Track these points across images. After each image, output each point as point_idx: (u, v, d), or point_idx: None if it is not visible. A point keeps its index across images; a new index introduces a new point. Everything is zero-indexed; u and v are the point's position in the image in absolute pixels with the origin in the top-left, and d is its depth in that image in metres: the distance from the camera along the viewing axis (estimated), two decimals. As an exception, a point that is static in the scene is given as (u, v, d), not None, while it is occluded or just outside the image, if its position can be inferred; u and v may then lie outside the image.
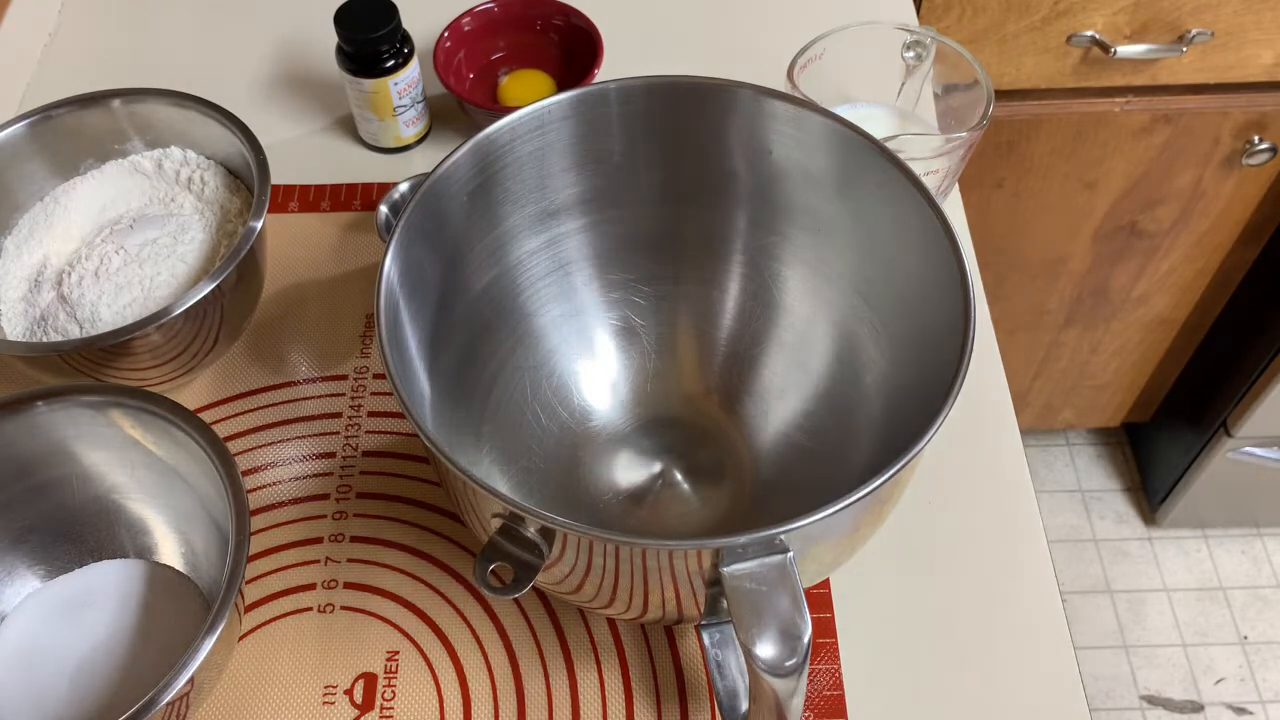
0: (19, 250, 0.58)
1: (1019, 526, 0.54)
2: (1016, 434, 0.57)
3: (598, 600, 0.42)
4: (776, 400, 0.55)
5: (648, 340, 0.57)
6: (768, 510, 0.52)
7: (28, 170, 0.59)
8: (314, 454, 0.57)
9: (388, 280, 0.43)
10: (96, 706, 0.47)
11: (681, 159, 0.52)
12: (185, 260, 0.57)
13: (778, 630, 0.36)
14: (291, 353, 0.61)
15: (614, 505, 0.53)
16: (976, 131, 0.56)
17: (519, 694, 0.49)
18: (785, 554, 0.37)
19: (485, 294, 0.52)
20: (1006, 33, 0.91)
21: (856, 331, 0.51)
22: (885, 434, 0.49)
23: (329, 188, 0.68)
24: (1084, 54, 0.93)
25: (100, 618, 0.50)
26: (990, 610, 0.52)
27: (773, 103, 0.48)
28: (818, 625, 0.51)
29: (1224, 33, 0.91)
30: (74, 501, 0.51)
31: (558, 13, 0.71)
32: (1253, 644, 1.33)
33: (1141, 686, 1.30)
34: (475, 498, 0.40)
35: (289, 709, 0.49)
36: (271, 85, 0.74)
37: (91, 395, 0.48)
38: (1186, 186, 1.04)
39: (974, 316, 0.41)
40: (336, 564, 0.53)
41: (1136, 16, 0.90)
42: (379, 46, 0.63)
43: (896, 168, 0.45)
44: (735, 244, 0.54)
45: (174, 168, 0.60)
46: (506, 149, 0.49)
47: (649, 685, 0.50)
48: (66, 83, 0.64)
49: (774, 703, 0.37)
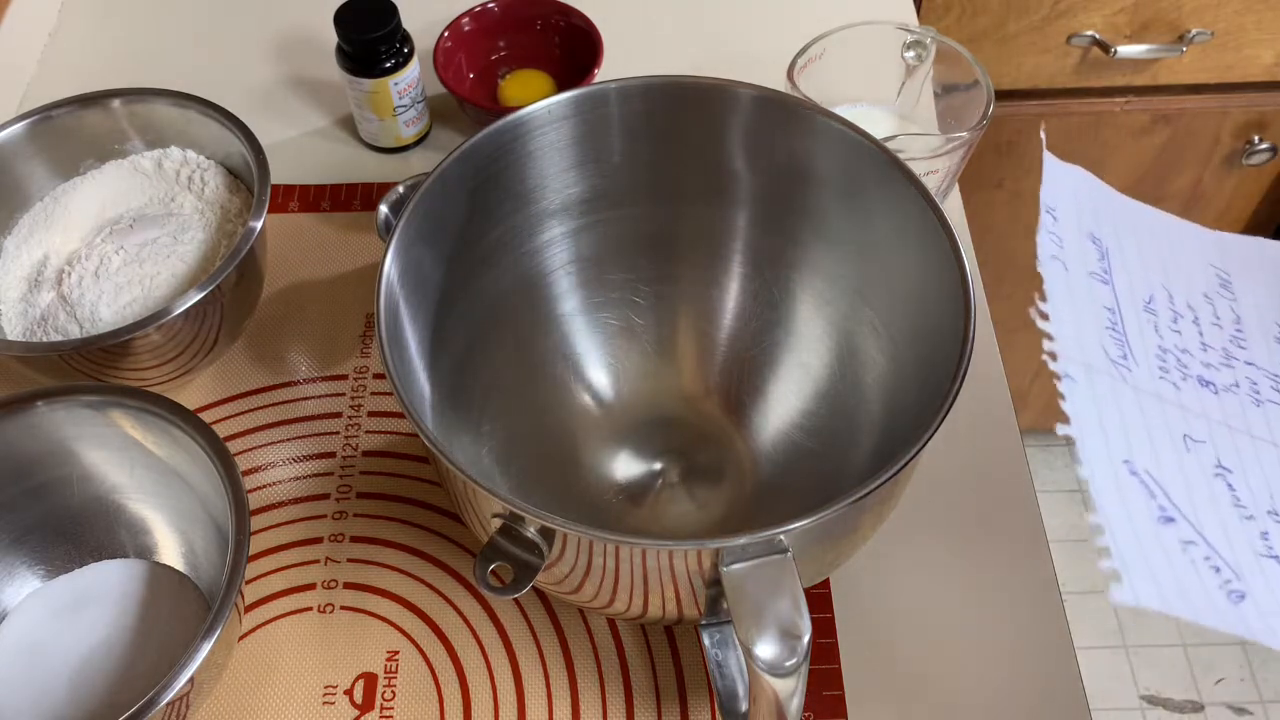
0: (19, 250, 0.58)
1: (1019, 526, 0.54)
2: (1016, 434, 0.57)
3: (598, 600, 0.42)
4: (776, 400, 0.55)
5: (648, 340, 0.57)
6: (768, 510, 0.52)
7: (28, 170, 0.59)
8: (314, 454, 0.57)
9: (388, 280, 0.43)
10: (96, 706, 0.47)
11: (681, 159, 0.52)
12: (185, 260, 0.57)
13: (778, 630, 0.36)
14: (291, 353, 0.61)
15: (614, 505, 0.53)
16: (976, 131, 0.56)
17: (519, 694, 0.49)
18: (785, 554, 0.37)
19: (485, 294, 0.52)
20: (1006, 33, 0.91)
21: (856, 331, 0.51)
22: (885, 434, 0.49)
23: (329, 188, 0.68)
24: (1084, 54, 0.93)
25: (100, 618, 0.50)
26: (990, 610, 0.51)
27: (773, 103, 0.48)
28: (818, 625, 0.51)
29: (1224, 32, 0.91)
30: (74, 501, 0.51)
31: (558, 13, 0.71)
32: (1253, 644, 1.33)
33: (1141, 686, 1.30)
34: (475, 498, 0.40)
35: (289, 709, 0.49)
36: (271, 85, 0.74)
37: (91, 395, 0.48)
38: (1187, 186, 1.04)
39: (974, 316, 0.41)
40: (336, 564, 0.53)
41: (1136, 16, 0.90)
42: (379, 46, 0.63)
43: (896, 168, 0.45)
44: (735, 244, 0.55)
45: (174, 167, 0.60)
46: (506, 149, 0.49)
47: (649, 685, 0.50)
48: (66, 83, 0.64)
49: (774, 703, 0.37)
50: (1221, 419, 0.38)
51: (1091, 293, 0.39)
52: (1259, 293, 0.42)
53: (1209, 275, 0.42)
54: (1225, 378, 0.39)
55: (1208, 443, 0.37)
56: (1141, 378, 0.38)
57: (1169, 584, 0.32)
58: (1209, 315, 0.41)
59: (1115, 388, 0.37)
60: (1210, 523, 0.35)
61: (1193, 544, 0.34)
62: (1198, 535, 0.34)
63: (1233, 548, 0.34)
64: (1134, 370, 0.37)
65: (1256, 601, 0.33)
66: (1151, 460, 0.35)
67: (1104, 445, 0.35)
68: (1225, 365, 0.40)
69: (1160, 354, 0.39)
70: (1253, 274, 0.43)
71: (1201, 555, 0.34)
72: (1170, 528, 0.34)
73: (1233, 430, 0.38)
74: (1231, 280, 0.42)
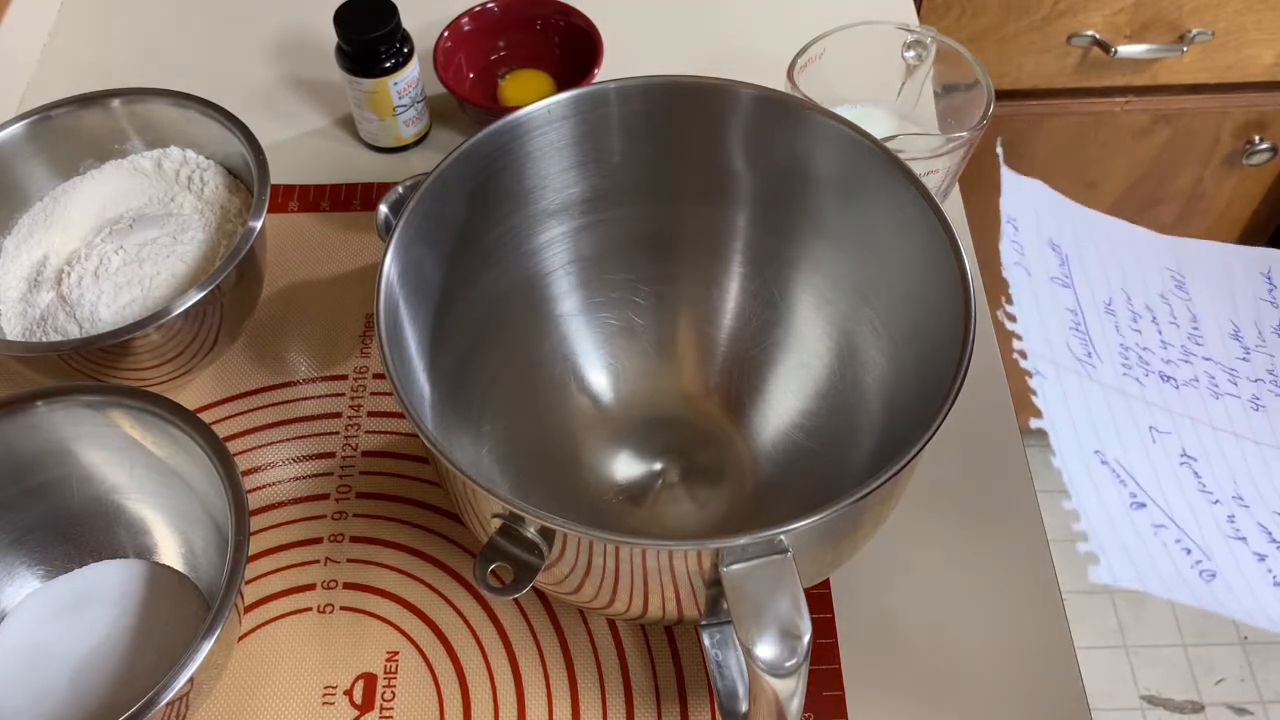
0: (18, 250, 0.58)
1: (1019, 526, 0.54)
2: (1017, 434, 0.57)
3: (598, 600, 0.42)
4: (776, 400, 0.55)
5: (648, 340, 0.57)
6: (768, 510, 0.52)
7: (27, 170, 0.59)
8: (314, 454, 0.57)
9: (387, 280, 0.43)
10: (96, 706, 0.47)
11: (681, 159, 0.52)
12: (185, 260, 0.57)
13: (778, 630, 0.36)
14: (291, 353, 0.61)
15: (614, 505, 0.53)
16: (976, 131, 0.56)
17: (519, 694, 0.49)
18: (785, 554, 0.37)
19: (485, 294, 0.52)
20: (1006, 33, 0.91)
21: (856, 331, 0.51)
22: (885, 434, 0.49)
23: (329, 188, 0.68)
24: (1084, 54, 0.93)
25: (100, 618, 0.50)
26: (990, 610, 0.51)
27: (773, 103, 0.48)
28: (818, 625, 0.51)
29: (1224, 32, 0.91)
30: (74, 501, 0.51)
31: (558, 12, 0.71)
32: (1253, 644, 1.33)
33: (1141, 686, 1.30)
34: (475, 498, 0.40)
35: (289, 709, 0.49)
36: (271, 85, 0.74)
37: (91, 395, 0.48)
38: (1187, 186, 1.04)
39: (974, 316, 0.41)
40: (336, 564, 0.53)
41: (1136, 16, 0.90)
42: (378, 46, 0.63)
43: (896, 168, 0.45)
44: (735, 244, 0.54)
45: (174, 167, 0.60)
46: (506, 149, 0.49)
47: (649, 685, 0.50)
48: (66, 83, 0.64)
49: (774, 703, 0.37)
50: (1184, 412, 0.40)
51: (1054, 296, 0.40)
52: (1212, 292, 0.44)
53: (1164, 277, 0.44)
54: (1185, 373, 0.41)
55: (1173, 434, 0.39)
56: (1106, 374, 0.39)
57: (1144, 564, 0.34)
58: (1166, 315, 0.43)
59: (1082, 384, 0.38)
60: (1179, 507, 0.36)
61: (1163, 527, 0.35)
62: (1168, 519, 0.36)
63: (1201, 530, 0.36)
64: (1098, 367, 0.39)
65: (1227, 580, 0.34)
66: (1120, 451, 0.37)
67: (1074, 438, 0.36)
68: (1184, 361, 0.42)
69: (1123, 352, 0.40)
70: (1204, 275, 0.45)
71: (1173, 538, 0.35)
72: (1142, 512, 0.35)
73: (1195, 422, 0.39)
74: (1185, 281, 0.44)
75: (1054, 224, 0.43)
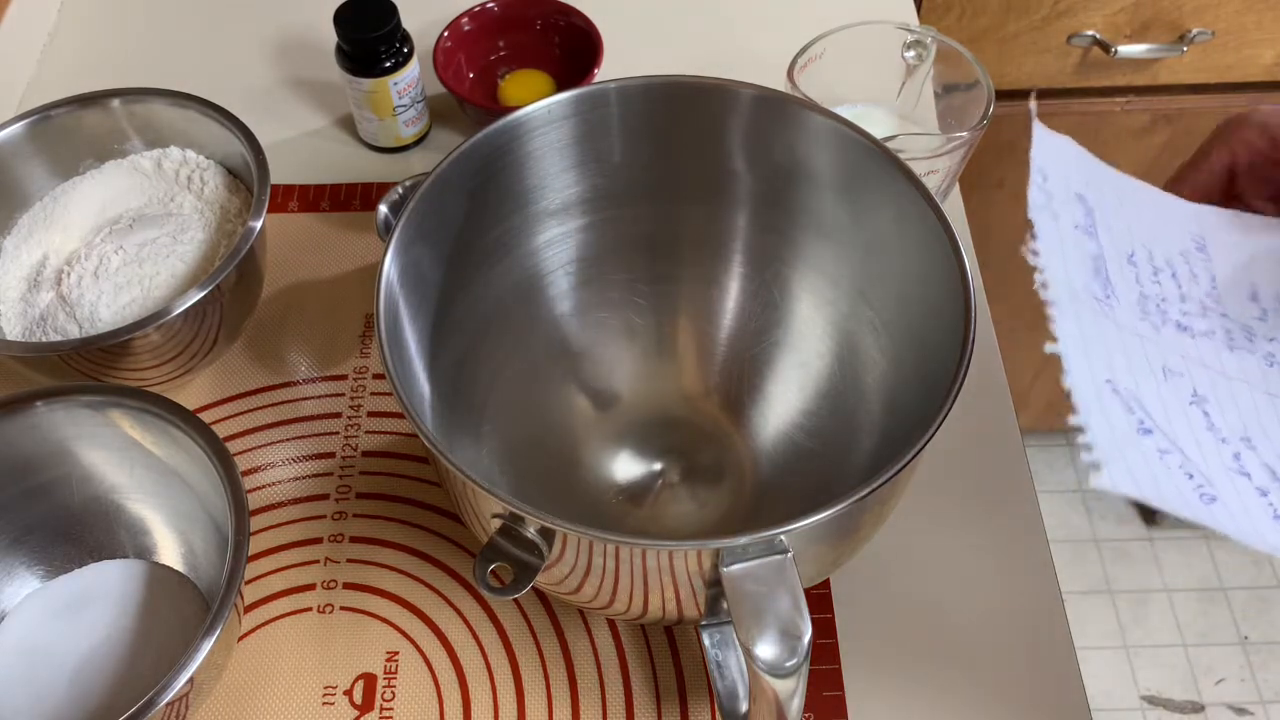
0: (18, 250, 0.58)
1: (1019, 526, 0.54)
2: (1017, 434, 0.57)
3: (598, 600, 0.42)
4: (776, 400, 0.55)
5: (648, 340, 0.57)
6: (768, 510, 0.52)
7: (27, 170, 0.59)
8: (313, 454, 0.57)
9: (387, 280, 0.43)
10: (96, 706, 0.47)
11: (682, 159, 0.52)
12: (185, 260, 0.57)
13: (778, 630, 0.36)
14: (291, 353, 0.61)
15: (614, 505, 0.53)
16: (976, 131, 0.56)
17: (519, 694, 0.49)
18: (785, 554, 0.37)
19: (485, 294, 0.52)
20: (1006, 33, 0.91)
21: (856, 331, 0.51)
22: (885, 434, 0.49)
23: (329, 188, 0.68)
24: (1084, 54, 0.93)
25: (100, 618, 0.50)
26: (990, 610, 0.51)
27: (773, 103, 0.48)
28: (818, 625, 0.51)
29: (1224, 32, 0.91)
30: (74, 501, 0.51)
31: (558, 12, 0.71)
32: (1253, 644, 1.33)
33: (1142, 686, 1.30)
34: (475, 498, 0.40)
35: (289, 709, 0.49)
36: (271, 85, 0.74)
37: (91, 395, 0.48)
38: (1187, 186, 1.03)
39: (974, 316, 0.41)
40: (336, 564, 0.53)
41: (1137, 16, 0.90)
42: (378, 46, 0.63)
43: (896, 168, 0.45)
44: (735, 244, 0.54)
45: (173, 167, 0.60)
46: (506, 149, 0.49)
47: (649, 685, 0.50)
48: (66, 83, 0.63)
49: (774, 703, 0.37)
50: (1198, 358, 0.40)
51: (1078, 242, 0.41)
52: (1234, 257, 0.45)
53: (1186, 239, 0.45)
54: (1201, 325, 0.42)
55: (1185, 375, 0.39)
56: (1123, 317, 0.40)
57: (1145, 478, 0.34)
58: (1186, 273, 0.44)
59: (1099, 321, 0.39)
60: (1186, 440, 0.37)
61: (1169, 453, 0.35)
62: (1174, 447, 0.36)
63: (1206, 462, 0.36)
64: (1116, 309, 0.40)
65: (1227, 505, 0.35)
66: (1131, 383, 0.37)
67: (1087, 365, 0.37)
68: (1201, 315, 0.42)
69: (1142, 300, 0.41)
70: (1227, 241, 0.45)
71: (1177, 464, 0.35)
72: (1148, 438, 0.35)
73: (1208, 368, 0.40)
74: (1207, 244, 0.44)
75: (1083, 179, 0.43)
